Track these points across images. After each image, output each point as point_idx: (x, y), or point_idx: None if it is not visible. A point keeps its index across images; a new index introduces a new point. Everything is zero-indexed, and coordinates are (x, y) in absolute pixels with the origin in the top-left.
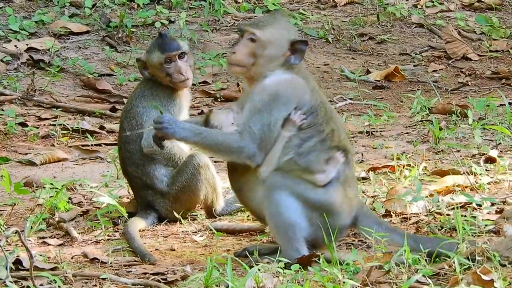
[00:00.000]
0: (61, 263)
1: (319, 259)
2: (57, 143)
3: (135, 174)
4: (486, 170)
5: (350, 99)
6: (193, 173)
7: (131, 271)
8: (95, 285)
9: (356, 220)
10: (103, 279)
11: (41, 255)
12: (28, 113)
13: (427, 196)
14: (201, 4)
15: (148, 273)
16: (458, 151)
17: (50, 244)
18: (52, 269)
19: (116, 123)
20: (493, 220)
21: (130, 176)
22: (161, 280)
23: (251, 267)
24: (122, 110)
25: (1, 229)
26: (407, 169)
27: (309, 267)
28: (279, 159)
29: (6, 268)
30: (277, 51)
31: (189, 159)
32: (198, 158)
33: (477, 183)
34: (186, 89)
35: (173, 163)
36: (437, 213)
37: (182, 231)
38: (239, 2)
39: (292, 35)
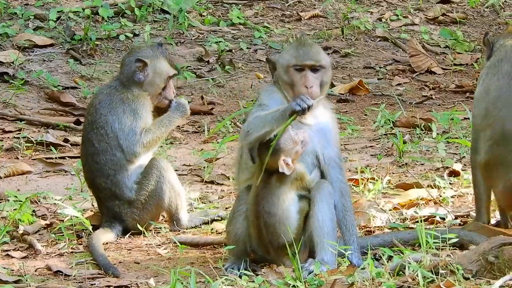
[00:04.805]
0: (25, 275)
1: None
2: (21, 156)
3: (104, 186)
4: (450, 183)
5: None
6: (158, 176)
7: (94, 284)
8: None
9: None
10: None
11: (4, 268)
12: None
13: (391, 210)
14: (166, 17)
15: (112, 286)
16: (422, 164)
17: (14, 257)
18: (15, 282)
19: (80, 136)
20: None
21: (98, 188)
22: None
23: (214, 279)
24: (84, 123)
25: None
26: (371, 182)
27: (272, 280)
28: None
29: None
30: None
31: (152, 162)
32: (160, 161)
33: (441, 196)
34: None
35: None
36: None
37: (146, 244)
38: (203, 15)
39: None
